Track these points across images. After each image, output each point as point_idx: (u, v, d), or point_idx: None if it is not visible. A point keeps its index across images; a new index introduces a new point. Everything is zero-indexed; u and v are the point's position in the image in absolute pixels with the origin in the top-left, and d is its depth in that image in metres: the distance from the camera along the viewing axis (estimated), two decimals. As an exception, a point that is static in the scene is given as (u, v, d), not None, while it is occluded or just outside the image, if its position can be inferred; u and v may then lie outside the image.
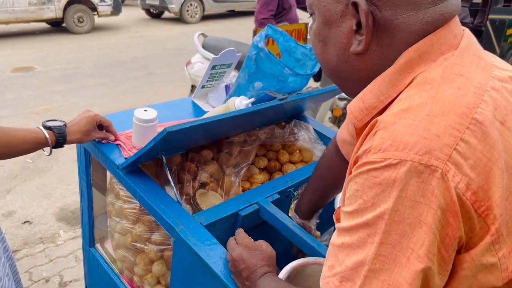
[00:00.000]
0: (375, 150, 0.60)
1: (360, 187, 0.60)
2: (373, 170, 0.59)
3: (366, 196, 0.59)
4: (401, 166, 0.57)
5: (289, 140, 1.65)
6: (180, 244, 1.16)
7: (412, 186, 0.56)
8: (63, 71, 7.15)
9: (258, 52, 1.36)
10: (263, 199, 1.34)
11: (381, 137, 0.60)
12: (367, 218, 0.59)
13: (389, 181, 0.57)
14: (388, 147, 0.58)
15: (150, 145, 1.16)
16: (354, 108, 0.72)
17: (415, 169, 0.56)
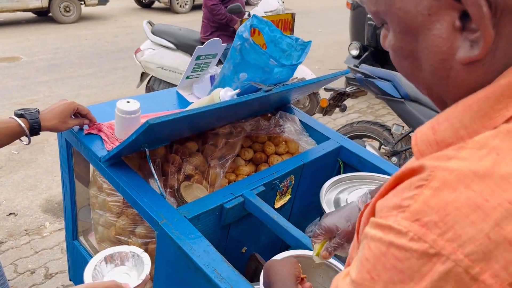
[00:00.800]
0: (410, 217, 0.43)
1: (372, 259, 0.45)
2: (397, 248, 0.43)
3: (376, 274, 0.45)
4: (438, 261, 0.40)
5: (275, 131, 1.64)
6: (163, 237, 1.14)
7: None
8: (49, 61, 7.03)
9: (242, 42, 1.34)
10: (248, 191, 1.33)
11: (428, 203, 0.42)
12: None
13: (415, 273, 0.42)
14: (431, 226, 0.41)
15: (132, 137, 1.14)
16: (420, 139, 0.50)
17: (456, 276, 0.40)
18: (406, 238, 0.42)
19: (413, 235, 0.42)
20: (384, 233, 0.44)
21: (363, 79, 2.82)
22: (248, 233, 1.47)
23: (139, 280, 0.84)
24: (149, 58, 4.35)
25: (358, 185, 1.47)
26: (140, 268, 0.89)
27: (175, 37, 4.33)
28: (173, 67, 4.30)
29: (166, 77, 4.38)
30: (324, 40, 7.85)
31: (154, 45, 4.43)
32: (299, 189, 1.57)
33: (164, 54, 4.32)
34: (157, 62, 4.32)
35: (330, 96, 3.03)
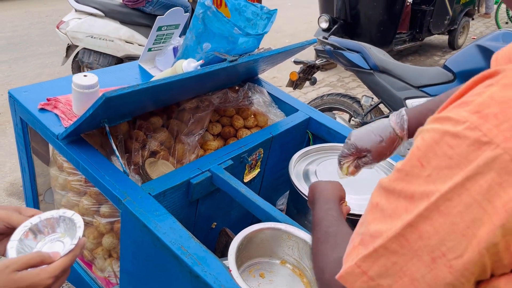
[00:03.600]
0: (473, 109, 0.44)
1: (424, 148, 0.47)
2: (451, 136, 0.44)
3: (426, 161, 0.46)
4: (488, 149, 0.42)
5: (244, 104, 1.59)
6: (127, 215, 1.10)
7: (485, 182, 0.42)
8: (8, 39, 6.69)
9: (205, 10, 1.28)
10: (216, 165, 1.30)
11: (493, 96, 0.43)
12: (414, 189, 0.47)
13: (463, 160, 0.43)
14: (490, 116, 0.42)
15: (89, 112, 1.07)
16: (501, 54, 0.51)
17: (503, 163, 0.41)
18: (463, 126, 0.43)
19: (469, 124, 0.43)
20: (442, 123, 0.46)
21: (332, 51, 2.79)
22: (218, 208, 1.44)
23: (71, 245, 0.72)
24: (77, 27, 4.14)
25: (327, 156, 1.46)
26: (73, 232, 0.76)
27: (101, 4, 4.17)
28: (103, 35, 4.13)
29: (97, 46, 4.19)
30: (295, 13, 7.76)
31: (79, 14, 4.22)
32: (268, 162, 1.54)
33: (92, 22, 4.13)
34: (86, 31, 4.12)
35: (299, 69, 3.00)
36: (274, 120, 1.61)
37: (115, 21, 4.16)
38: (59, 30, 4.29)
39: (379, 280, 0.50)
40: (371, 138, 0.99)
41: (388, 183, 0.51)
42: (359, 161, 1.03)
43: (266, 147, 1.47)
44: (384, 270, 0.49)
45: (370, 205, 0.54)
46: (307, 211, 1.30)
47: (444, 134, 0.45)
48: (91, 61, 4.29)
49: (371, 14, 5.04)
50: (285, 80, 3.92)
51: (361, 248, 0.52)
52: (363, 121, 2.84)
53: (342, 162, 1.05)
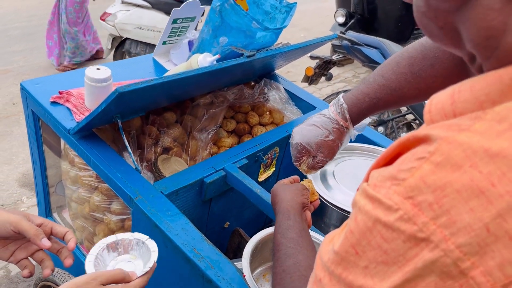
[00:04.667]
0: (404, 194, 0.37)
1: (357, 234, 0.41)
2: (384, 226, 0.38)
3: (360, 250, 0.40)
4: (426, 247, 0.36)
5: (259, 100, 1.55)
6: (139, 215, 1.07)
7: (425, 285, 0.36)
8: (23, 29, 6.72)
9: (222, 3, 1.23)
10: (230, 164, 1.25)
11: (425, 180, 0.37)
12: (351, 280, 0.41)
13: (399, 256, 0.37)
14: (425, 206, 0.36)
15: (102, 107, 1.04)
16: (435, 106, 0.42)
17: (444, 267, 0.35)
18: (395, 216, 0.37)
19: (403, 213, 0.37)
20: (373, 206, 0.39)
21: (349, 46, 2.72)
22: (231, 208, 1.40)
23: (146, 268, 0.77)
24: (125, 19, 4.19)
25: (345, 156, 1.40)
26: (146, 256, 0.81)
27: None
28: (151, 26, 4.19)
29: (144, 37, 4.25)
30: (310, 7, 7.66)
31: (126, 6, 4.25)
32: (284, 161, 1.50)
33: (140, 13, 4.20)
34: (135, 23, 4.17)
35: (315, 65, 2.94)
36: (290, 117, 1.56)
37: (161, 12, 4.20)
38: (105, 22, 4.34)
39: None
40: (317, 133, 0.92)
41: (328, 262, 0.44)
42: (314, 162, 0.96)
43: (282, 145, 1.43)
44: None
45: (314, 276, 0.47)
46: (323, 212, 1.25)
47: (376, 222, 0.39)
48: (138, 51, 4.38)
49: (389, 9, 4.93)
50: (299, 75, 3.86)
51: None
52: (380, 119, 2.78)
53: (298, 166, 0.99)
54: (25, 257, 0.82)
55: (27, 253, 0.82)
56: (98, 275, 0.70)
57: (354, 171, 1.32)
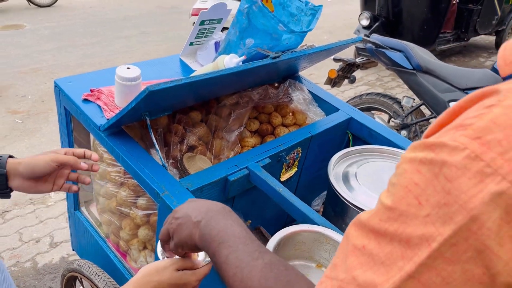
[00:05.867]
0: (472, 135, 0.37)
1: (423, 183, 0.40)
2: (449, 167, 0.38)
3: (424, 199, 0.39)
4: (492, 182, 0.36)
5: (283, 100, 1.57)
6: (165, 210, 1.10)
7: (492, 223, 0.36)
8: (53, 29, 6.92)
9: (250, 5, 1.26)
10: (254, 163, 1.28)
11: (496, 120, 0.37)
12: (410, 233, 0.40)
13: (461, 195, 0.37)
14: (494, 143, 0.36)
15: (132, 105, 1.08)
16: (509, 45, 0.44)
17: (509, 198, 0.35)
18: (462, 155, 0.37)
19: (470, 152, 0.37)
20: (436, 152, 0.39)
21: (373, 49, 2.72)
22: (253, 206, 1.43)
23: (208, 258, 0.87)
24: None
25: (368, 158, 1.41)
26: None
27: None
28: None
29: None
30: (334, 10, 7.65)
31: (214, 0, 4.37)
32: (306, 161, 1.51)
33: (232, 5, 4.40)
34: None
35: (339, 67, 2.94)
36: (313, 118, 1.58)
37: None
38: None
39: None
40: None
41: (377, 223, 0.43)
42: None
43: (304, 146, 1.44)
44: None
45: (349, 245, 0.45)
46: (345, 213, 1.27)
47: (442, 165, 0.38)
48: None
49: (414, 12, 4.89)
50: (322, 77, 3.86)
51: None
52: (403, 122, 2.76)
53: None
54: (63, 182, 1.03)
55: (64, 178, 1.03)
56: (174, 261, 0.82)
57: (376, 173, 1.33)
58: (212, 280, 0.94)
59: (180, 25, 7.45)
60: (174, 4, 9.03)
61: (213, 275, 0.88)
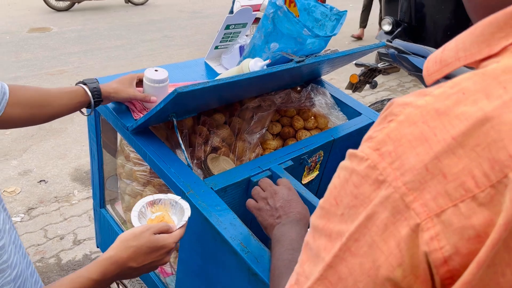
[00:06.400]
0: (374, 145, 0.44)
1: (338, 186, 0.47)
2: (356, 175, 0.45)
3: (339, 200, 0.47)
4: (383, 187, 0.42)
5: (305, 105, 1.59)
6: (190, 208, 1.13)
7: (380, 222, 0.42)
8: (79, 32, 7.10)
9: (275, 10, 1.29)
10: (276, 165, 1.30)
11: (389, 134, 0.43)
12: (331, 228, 0.47)
13: (365, 198, 0.44)
14: (386, 154, 0.43)
15: (160, 106, 1.11)
16: (431, 57, 0.51)
17: (393, 202, 0.42)
18: (365, 165, 0.44)
19: (370, 162, 0.44)
20: (351, 161, 0.46)
21: (396, 54, 2.71)
22: (274, 207, 1.45)
23: (182, 221, 0.94)
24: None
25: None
26: (180, 214, 0.97)
27: None
28: None
29: None
30: (355, 15, 7.62)
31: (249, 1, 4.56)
32: (327, 165, 1.53)
33: None
34: None
35: (360, 72, 2.94)
36: (335, 122, 1.59)
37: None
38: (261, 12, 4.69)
39: None
40: None
41: (314, 221, 0.50)
42: None
43: (326, 150, 1.46)
44: None
45: (304, 243, 0.53)
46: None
47: (352, 172, 0.45)
48: None
49: (438, 17, 4.84)
50: (343, 82, 3.86)
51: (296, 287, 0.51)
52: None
53: None
54: None
55: None
56: (150, 226, 0.87)
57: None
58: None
59: (202, 30, 7.55)
60: (196, 9, 9.15)
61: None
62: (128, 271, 0.86)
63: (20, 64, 5.56)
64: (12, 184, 3.18)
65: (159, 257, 0.89)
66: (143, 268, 0.88)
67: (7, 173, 3.30)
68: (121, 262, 0.84)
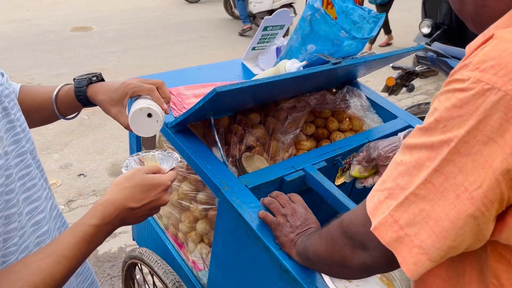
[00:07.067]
0: (472, 67, 0.53)
1: (439, 106, 0.56)
2: (459, 91, 0.53)
3: (441, 116, 0.55)
4: (491, 94, 0.50)
5: (340, 107, 1.59)
6: (224, 204, 1.16)
7: (494, 121, 0.50)
8: (118, 32, 7.31)
9: (313, 12, 1.30)
10: (310, 165, 1.31)
11: (486, 54, 0.53)
12: (433, 140, 0.55)
13: (472, 107, 0.52)
14: (488, 68, 0.52)
15: (199, 104, 1.15)
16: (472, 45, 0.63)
17: (506, 102, 0.50)
18: (468, 82, 0.53)
19: (473, 78, 0.53)
20: (450, 85, 0.56)
21: (435, 58, 2.66)
22: (307, 207, 1.46)
23: (173, 164, 0.93)
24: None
25: (425, 167, 1.40)
26: (169, 162, 0.96)
27: None
28: None
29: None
30: (393, 17, 7.49)
31: None
32: (361, 167, 1.52)
33: None
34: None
35: (397, 75, 2.90)
36: (370, 125, 1.59)
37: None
38: None
39: (407, 229, 0.56)
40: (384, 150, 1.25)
41: (410, 141, 0.59)
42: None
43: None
44: (412, 217, 0.56)
45: (393, 164, 0.61)
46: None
47: (454, 92, 0.54)
48: None
49: (480, 20, 4.70)
50: (378, 85, 3.81)
51: (390, 200, 0.59)
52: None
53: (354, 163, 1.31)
54: None
55: None
56: (140, 168, 0.87)
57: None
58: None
59: (236, 30, 7.62)
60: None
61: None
62: (128, 212, 0.82)
63: (63, 61, 5.79)
64: (53, 177, 3.32)
65: (157, 195, 0.85)
66: (143, 208, 0.84)
67: (49, 166, 3.45)
68: (118, 203, 0.80)
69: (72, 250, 0.75)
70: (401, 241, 0.57)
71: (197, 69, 1.61)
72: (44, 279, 0.70)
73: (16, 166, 0.82)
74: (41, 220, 0.91)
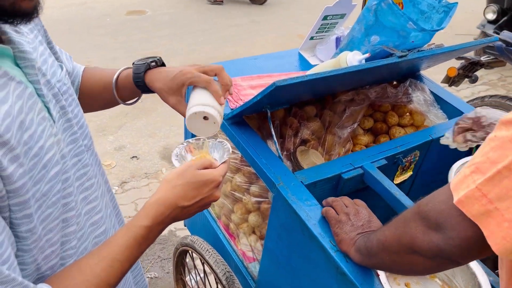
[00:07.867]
0: None
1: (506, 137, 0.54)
2: None
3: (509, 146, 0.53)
4: None
5: (402, 101, 1.51)
6: (279, 200, 1.14)
7: None
8: (170, 15, 7.41)
9: (379, 2, 1.23)
10: (369, 163, 1.26)
11: None
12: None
13: None
14: None
15: (258, 98, 1.12)
16: None
17: None
18: None
19: None
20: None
21: (503, 47, 2.48)
22: (362, 205, 1.41)
23: (226, 157, 0.90)
24: None
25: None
26: (221, 154, 0.94)
27: None
28: None
29: None
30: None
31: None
32: (422, 166, 1.45)
33: None
34: None
35: (460, 65, 2.73)
36: (433, 121, 1.50)
37: None
38: None
39: (497, 203, 0.53)
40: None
41: (508, 116, 0.55)
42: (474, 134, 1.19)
43: (423, 150, 1.39)
44: (505, 192, 0.53)
45: (486, 141, 0.58)
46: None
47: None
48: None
49: (553, 5, 4.34)
50: (436, 74, 3.62)
51: (476, 175, 0.56)
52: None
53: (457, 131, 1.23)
54: None
55: None
56: (193, 163, 0.84)
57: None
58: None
59: (288, 16, 7.50)
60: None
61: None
62: (180, 211, 0.81)
63: (118, 45, 5.95)
64: (108, 158, 3.44)
65: (209, 192, 0.84)
66: (194, 206, 0.83)
67: (104, 148, 3.59)
68: (170, 202, 0.79)
69: (124, 253, 0.75)
70: (489, 214, 0.55)
71: (253, 59, 1.58)
72: (98, 284, 0.70)
73: (73, 166, 0.81)
74: (98, 220, 0.91)
